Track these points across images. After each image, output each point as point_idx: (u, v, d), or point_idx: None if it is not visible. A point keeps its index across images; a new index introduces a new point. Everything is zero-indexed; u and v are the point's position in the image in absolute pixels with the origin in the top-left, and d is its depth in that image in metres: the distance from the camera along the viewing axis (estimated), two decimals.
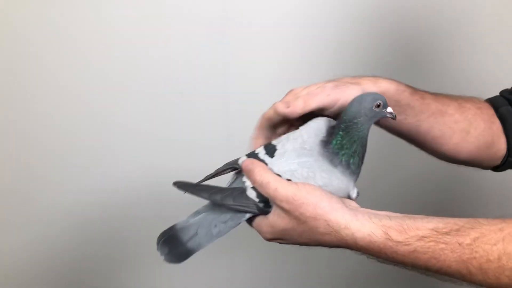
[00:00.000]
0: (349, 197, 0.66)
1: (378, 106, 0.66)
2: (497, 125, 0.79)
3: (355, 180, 0.66)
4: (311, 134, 0.67)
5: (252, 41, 1.18)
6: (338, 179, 0.65)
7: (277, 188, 0.63)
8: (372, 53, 1.20)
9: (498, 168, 0.81)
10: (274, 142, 0.69)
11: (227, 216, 0.67)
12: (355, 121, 0.65)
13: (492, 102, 0.81)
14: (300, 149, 0.66)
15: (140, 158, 1.17)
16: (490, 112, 0.79)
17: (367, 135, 0.67)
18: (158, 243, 0.66)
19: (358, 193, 0.66)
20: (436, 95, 0.78)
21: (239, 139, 1.11)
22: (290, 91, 0.71)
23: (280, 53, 1.19)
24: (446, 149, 0.77)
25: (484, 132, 0.78)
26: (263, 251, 1.25)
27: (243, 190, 0.66)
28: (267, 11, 1.17)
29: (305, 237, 0.64)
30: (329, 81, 0.70)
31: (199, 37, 1.14)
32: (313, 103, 0.68)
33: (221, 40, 1.15)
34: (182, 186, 0.66)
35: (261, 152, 0.68)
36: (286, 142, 0.68)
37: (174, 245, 0.66)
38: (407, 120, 0.75)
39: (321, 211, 0.62)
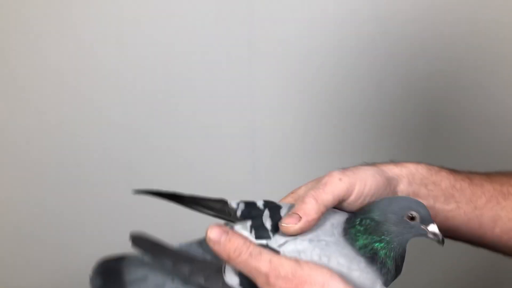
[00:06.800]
0: None
1: (412, 218, 0.49)
2: None
3: (384, 284, 0.49)
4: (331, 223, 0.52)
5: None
6: (360, 270, 0.48)
7: (271, 260, 0.47)
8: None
9: None
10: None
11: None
12: (380, 225, 0.49)
13: None
14: (316, 227, 0.51)
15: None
16: None
17: (400, 255, 0.50)
18: (93, 270, 0.50)
19: None
20: (487, 174, 0.61)
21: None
22: (290, 194, 0.55)
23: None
24: None
25: None
26: None
27: (219, 269, 0.49)
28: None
29: None
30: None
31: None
32: (327, 196, 0.51)
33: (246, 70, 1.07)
34: (138, 241, 0.50)
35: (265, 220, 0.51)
36: None
37: (110, 282, 0.50)
38: (462, 209, 0.57)
39: None
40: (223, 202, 0.53)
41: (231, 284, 0.48)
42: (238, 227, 0.50)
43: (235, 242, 0.48)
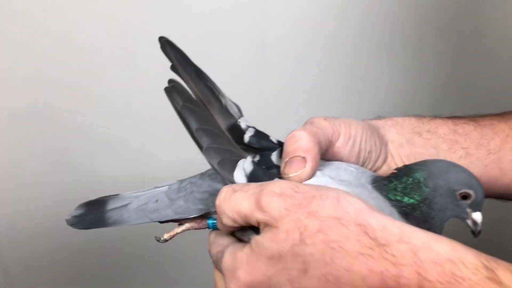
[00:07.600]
0: None
1: (465, 197, 0.40)
2: None
3: None
4: (356, 168, 0.45)
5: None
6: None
7: (262, 184, 0.38)
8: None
9: None
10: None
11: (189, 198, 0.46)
12: (423, 189, 0.40)
13: None
14: (336, 168, 0.43)
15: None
16: None
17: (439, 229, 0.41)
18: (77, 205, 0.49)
19: None
20: (499, 113, 0.52)
21: None
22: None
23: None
24: None
25: None
26: None
27: (235, 161, 0.42)
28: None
29: (314, 270, 0.35)
30: None
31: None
32: (316, 129, 0.43)
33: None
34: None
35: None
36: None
37: (90, 212, 0.48)
38: (474, 156, 0.48)
39: (351, 208, 0.35)
40: (239, 109, 0.46)
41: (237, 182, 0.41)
42: (240, 164, 0.42)
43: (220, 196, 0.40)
